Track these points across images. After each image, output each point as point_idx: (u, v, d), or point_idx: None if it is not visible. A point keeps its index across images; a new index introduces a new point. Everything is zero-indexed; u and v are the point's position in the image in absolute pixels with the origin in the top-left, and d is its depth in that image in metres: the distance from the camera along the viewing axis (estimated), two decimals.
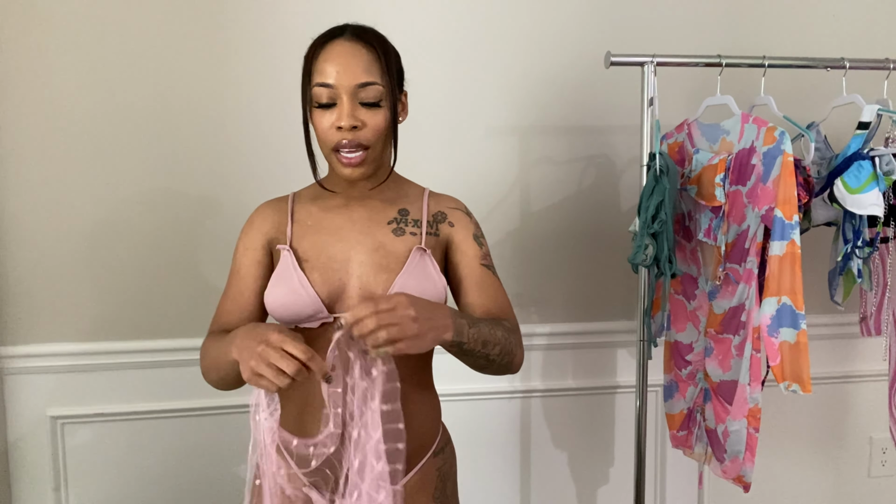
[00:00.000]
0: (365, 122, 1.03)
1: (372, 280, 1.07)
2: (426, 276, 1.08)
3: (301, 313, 1.05)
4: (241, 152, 1.72)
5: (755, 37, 1.88)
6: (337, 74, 1.02)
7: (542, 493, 1.98)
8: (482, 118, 1.81)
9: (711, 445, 1.58)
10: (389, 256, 1.09)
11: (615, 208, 1.91)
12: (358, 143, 1.04)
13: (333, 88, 1.02)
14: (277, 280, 1.08)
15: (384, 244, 1.10)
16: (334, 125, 1.03)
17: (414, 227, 1.12)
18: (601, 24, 1.83)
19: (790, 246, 1.32)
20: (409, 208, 1.15)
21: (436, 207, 1.16)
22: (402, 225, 1.12)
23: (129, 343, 1.73)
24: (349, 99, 1.02)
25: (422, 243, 1.10)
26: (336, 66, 1.02)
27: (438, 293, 1.08)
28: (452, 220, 1.16)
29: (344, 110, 1.02)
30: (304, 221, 1.12)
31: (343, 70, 1.02)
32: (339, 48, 1.03)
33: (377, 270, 1.07)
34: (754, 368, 1.42)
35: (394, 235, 1.11)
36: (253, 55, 1.70)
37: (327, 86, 1.02)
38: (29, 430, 1.73)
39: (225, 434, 1.79)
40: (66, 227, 1.68)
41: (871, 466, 2.13)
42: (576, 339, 1.93)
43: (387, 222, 1.12)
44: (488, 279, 1.13)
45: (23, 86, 1.63)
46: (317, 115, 1.05)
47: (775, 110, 1.49)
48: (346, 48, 1.03)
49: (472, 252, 1.14)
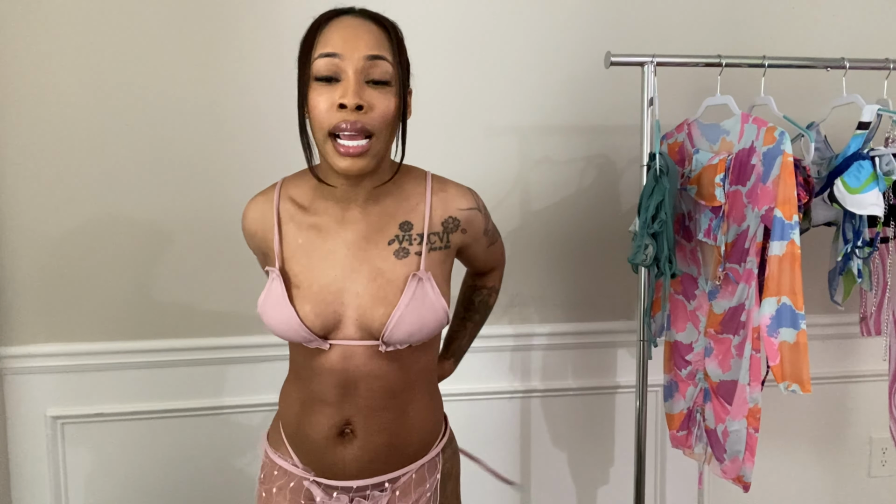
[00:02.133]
0: (372, 103, 0.91)
1: (369, 313, 1.00)
2: (426, 306, 1.00)
3: (295, 338, 1.03)
4: (241, 152, 1.72)
5: (755, 37, 1.88)
6: (344, 43, 0.90)
7: (542, 494, 1.98)
8: (482, 118, 1.81)
9: (711, 445, 1.58)
10: (388, 287, 1.00)
11: (615, 208, 1.90)
12: (362, 127, 0.90)
13: (338, 58, 0.90)
14: (269, 303, 1.02)
15: (383, 272, 1.00)
16: (336, 103, 0.89)
17: (418, 244, 1.02)
18: (601, 24, 1.82)
19: (790, 246, 1.32)
20: (411, 220, 1.03)
21: (444, 212, 1.05)
22: (406, 244, 1.02)
23: (129, 343, 1.73)
24: (355, 76, 0.90)
25: (420, 266, 1.01)
26: (344, 37, 0.90)
27: (438, 320, 1.02)
28: (466, 227, 1.08)
29: (350, 86, 0.89)
30: (293, 239, 1.03)
31: (352, 39, 0.90)
32: (348, 22, 0.93)
33: (374, 303, 1.00)
34: (754, 368, 1.42)
35: (395, 259, 1.01)
36: (253, 57, 1.70)
37: (331, 55, 0.90)
38: (29, 430, 1.73)
39: (225, 434, 1.79)
40: (66, 227, 1.68)
41: (871, 466, 2.13)
42: (576, 339, 1.93)
43: (387, 242, 1.01)
44: (492, 250, 1.21)
45: (22, 87, 1.63)
46: (314, 94, 0.91)
47: (775, 110, 1.49)
48: (355, 22, 0.93)
49: (482, 244, 1.17)
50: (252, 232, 1.08)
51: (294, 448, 1.12)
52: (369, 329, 1.01)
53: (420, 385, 1.11)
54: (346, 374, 1.03)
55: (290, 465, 1.12)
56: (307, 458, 1.10)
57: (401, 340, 1.01)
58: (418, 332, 1.01)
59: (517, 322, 1.90)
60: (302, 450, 1.10)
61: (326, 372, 1.04)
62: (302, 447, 1.10)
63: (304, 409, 1.08)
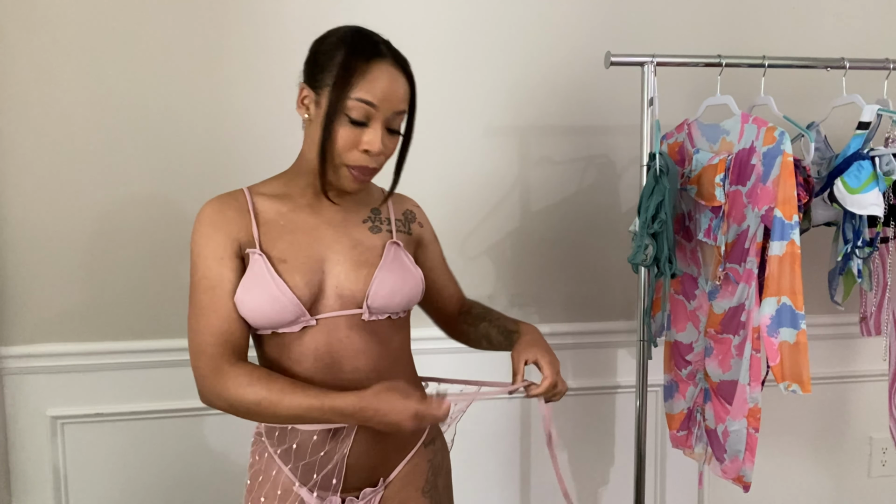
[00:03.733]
0: (388, 148, 1.05)
1: (352, 276, 1.07)
2: (404, 269, 1.11)
3: (283, 319, 1.02)
4: (242, 152, 1.72)
5: (755, 37, 1.88)
6: (383, 97, 1.00)
7: (542, 494, 1.98)
8: (482, 118, 1.81)
9: (711, 445, 1.58)
10: (368, 252, 1.10)
11: (615, 208, 1.90)
12: (375, 168, 1.06)
13: (375, 109, 1.00)
14: (251, 286, 1.02)
15: (361, 241, 1.11)
16: (363, 147, 1.02)
17: (388, 224, 1.16)
18: (601, 24, 1.83)
19: (790, 246, 1.32)
20: (379, 208, 1.17)
21: (402, 206, 1.21)
22: (377, 223, 1.15)
23: (129, 343, 1.73)
24: (382, 125, 1.02)
25: (393, 238, 1.14)
26: (384, 90, 1.00)
27: (417, 283, 1.13)
28: (421, 221, 1.24)
29: (378, 136, 1.01)
30: (274, 222, 1.07)
31: (389, 94, 1.01)
32: (387, 72, 1.01)
33: (357, 266, 1.07)
34: (754, 368, 1.42)
35: (370, 233, 1.13)
36: (251, 59, 1.70)
37: (370, 104, 1.00)
38: (29, 430, 1.73)
39: (225, 434, 1.79)
40: (66, 228, 1.68)
41: (871, 466, 2.13)
42: (576, 339, 1.93)
43: (362, 221, 1.14)
44: (451, 272, 1.30)
45: (23, 87, 1.63)
46: (342, 129, 1.01)
47: (775, 110, 1.49)
48: (392, 73, 1.02)
49: (437, 249, 1.27)
50: (227, 220, 1.04)
51: (282, 453, 1.08)
52: (351, 296, 1.06)
53: (401, 366, 1.13)
54: (331, 353, 1.04)
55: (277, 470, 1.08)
56: (297, 458, 1.07)
57: (383, 304, 1.07)
58: (399, 294, 1.09)
59: None
60: (291, 452, 1.07)
61: (310, 355, 1.04)
62: (290, 449, 1.07)
63: None
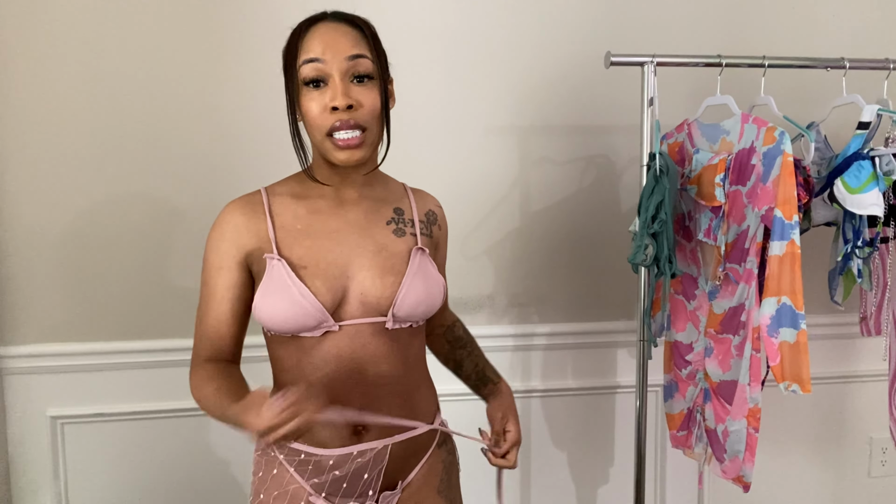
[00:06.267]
0: (360, 101, 0.98)
1: (378, 284, 1.02)
2: (430, 277, 1.07)
3: (305, 324, 0.99)
4: (243, 152, 1.72)
5: (755, 37, 1.88)
6: (325, 47, 0.97)
7: (542, 493, 1.98)
8: (482, 118, 1.81)
9: (711, 445, 1.58)
10: (393, 258, 1.05)
11: (615, 208, 1.90)
12: (355, 123, 0.97)
13: (322, 62, 0.96)
14: (272, 292, 0.99)
15: (386, 245, 1.06)
16: (328, 106, 0.96)
17: (411, 227, 1.10)
18: (601, 24, 1.82)
19: (790, 246, 1.32)
20: (402, 207, 1.12)
21: (424, 206, 1.15)
22: (401, 225, 1.09)
23: (129, 343, 1.73)
24: (341, 77, 0.97)
25: (418, 243, 1.09)
26: (324, 41, 0.97)
27: (440, 291, 1.08)
28: (441, 224, 1.19)
29: (337, 89, 0.96)
30: (291, 226, 1.04)
31: (332, 43, 0.97)
32: (324, 27, 0.99)
33: (383, 273, 1.03)
34: (754, 368, 1.42)
35: (395, 236, 1.07)
36: (249, 60, 1.70)
37: (316, 60, 0.96)
38: (29, 430, 1.73)
39: (225, 434, 1.79)
40: (66, 228, 1.68)
41: (871, 466, 2.13)
42: (576, 339, 1.93)
43: (385, 222, 1.08)
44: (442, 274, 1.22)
45: (22, 86, 1.63)
46: (306, 99, 0.98)
47: (775, 110, 1.49)
48: (333, 25, 0.99)
49: (444, 253, 1.22)
50: (235, 229, 1.04)
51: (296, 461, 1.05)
52: (376, 304, 1.03)
53: (419, 370, 1.12)
54: (354, 358, 1.02)
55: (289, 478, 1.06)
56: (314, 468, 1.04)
57: (408, 313, 1.04)
58: (424, 303, 1.05)
59: (517, 322, 1.90)
60: (307, 461, 1.04)
61: (332, 360, 1.01)
62: (307, 457, 1.04)
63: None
